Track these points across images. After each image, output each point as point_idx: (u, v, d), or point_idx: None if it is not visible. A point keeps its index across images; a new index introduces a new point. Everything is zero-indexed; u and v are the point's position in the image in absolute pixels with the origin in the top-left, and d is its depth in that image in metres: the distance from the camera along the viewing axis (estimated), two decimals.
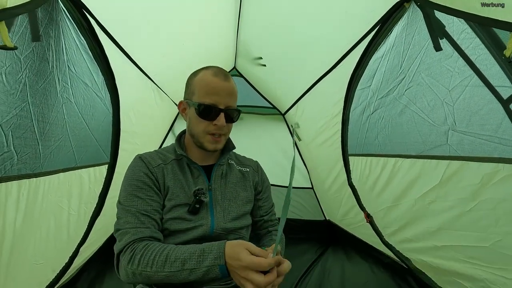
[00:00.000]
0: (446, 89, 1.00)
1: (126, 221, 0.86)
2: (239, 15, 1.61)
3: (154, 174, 0.94)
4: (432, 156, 1.14)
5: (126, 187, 0.91)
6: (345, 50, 1.39)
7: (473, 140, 0.98)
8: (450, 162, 1.08)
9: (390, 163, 1.34)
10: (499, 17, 0.73)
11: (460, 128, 1.00)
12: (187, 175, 0.99)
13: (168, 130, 2.33)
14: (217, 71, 0.99)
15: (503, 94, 0.85)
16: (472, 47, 0.88)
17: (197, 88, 0.97)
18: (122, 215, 0.87)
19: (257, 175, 1.16)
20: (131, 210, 0.87)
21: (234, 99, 1.00)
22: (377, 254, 1.77)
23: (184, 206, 0.93)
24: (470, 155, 1.00)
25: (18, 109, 0.79)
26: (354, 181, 1.68)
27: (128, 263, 0.79)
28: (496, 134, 0.90)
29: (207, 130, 0.95)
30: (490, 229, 1.03)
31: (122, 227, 0.86)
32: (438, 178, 1.14)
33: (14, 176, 0.80)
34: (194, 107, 0.95)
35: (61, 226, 1.13)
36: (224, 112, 0.95)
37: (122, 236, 0.84)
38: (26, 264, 0.99)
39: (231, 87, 0.99)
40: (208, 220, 0.95)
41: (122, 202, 0.89)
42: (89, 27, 1.04)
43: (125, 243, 0.82)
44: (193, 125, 0.97)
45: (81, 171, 1.18)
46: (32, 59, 0.83)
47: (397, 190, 1.36)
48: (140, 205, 0.89)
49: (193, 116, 0.96)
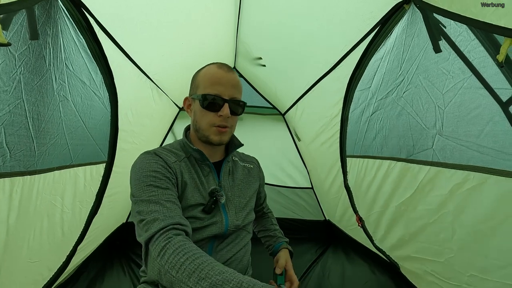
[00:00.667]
0: (440, 92, 0.99)
1: (151, 210, 0.81)
2: (239, 15, 1.61)
3: (173, 169, 0.92)
4: (417, 161, 1.13)
5: (142, 178, 0.86)
6: (345, 51, 1.38)
7: (454, 146, 0.95)
8: (430, 168, 1.06)
9: (384, 166, 1.33)
10: (497, 19, 0.73)
11: (446, 132, 0.98)
12: (199, 173, 0.98)
13: (168, 130, 2.34)
14: (221, 64, 1.00)
15: (502, 96, 0.84)
16: (470, 49, 0.86)
17: (202, 81, 0.97)
18: (143, 206, 0.82)
19: (260, 171, 1.22)
20: (152, 200, 0.83)
21: (239, 91, 1.00)
22: (376, 255, 1.76)
23: (199, 206, 0.92)
24: (448, 162, 0.98)
25: (11, 106, 0.79)
26: (350, 183, 1.67)
27: (158, 254, 0.72)
28: (477, 140, 0.87)
29: (212, 122, 0.94)
30: (446, 243, 1.03)
31: (147, 216, 0.80)
32: (416, 185, 1.14)
33: (7, 173, 0.80)
34: (198, 100, 0.95)
35: (54, 224, 1.12)
36: (229, 104, 0.94)
37: (149, 225, 0.78)
38: (21, 262, 0.99)
39: (235, 79, 0.99)
40: (221, 218, 0.95)
41: (139, 195, 0.84)
42: (88, 25, 1.04)
43: (155, 230, 0.76)
44: (198, 118, 0.96)
45: (77, 169, 1.17)
46: (28, 57, 0.83)
47: (386, 194, 1.36)
48: (162, 194, 0.85)
49: (198, 109, 0.96)
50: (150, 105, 1.75)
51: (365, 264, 1.79)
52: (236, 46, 1.98)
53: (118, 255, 1.86)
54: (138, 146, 1.75)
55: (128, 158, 1.62)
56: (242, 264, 1.00)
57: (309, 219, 2.43)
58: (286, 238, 1.24)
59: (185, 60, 1.75)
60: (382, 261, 1.68)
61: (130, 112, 1.51)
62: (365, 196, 1.53)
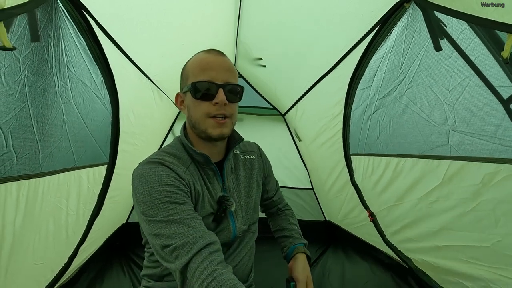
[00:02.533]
0: (446, 90, 1.00)
1: (175, 232, 0.72)
2: (239, 15, 1.61)
3: (186, 181, 0.82)
4: (433, 156, 1.14)
5: (155, 195, 0.76)
6: (346, 50, 1.39)
7: (473, 141, 0.97)
8: (451, 162, 1.08)
9: (393, 163, 1.34)
10: (498, 18, 0.73)
11: (461, 128, 1.00)
12: (205, 179, 0.88)
13: (168, 130, 2.33)
14: (209, 49, 0.89)
15: (503, 94, 0.85)
16: (472, 47, 0.88)
17: (190, 70, 0.86)
18: (163, 229, 0.72)
19: (261, 159, 1.08)
20: (173, 220, 0.73)
21: (233, 75, 0.87)
22: (378, 254, 1.77)
23: (210, 216, 0.86)
24: (471, 156, 1.00)
25: (17, 109, 0.79)
26: (357, 180, 1.67)
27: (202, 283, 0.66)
28: (495, 134, 0.90)
29: (208, 112, 0.82)
30: (490, 229, 1.03)
31: (172, 242, 0.71)
32: (440, 178, 1.14)
33: (14, 177, 0.79)
34: (189, 91, 0.83)
35: (60, 227, 1.12)
36: (223, 89, 0.81)
37: (179, 251, 0.70)
38: (26, 264, 0.99)
39: (227, 62, 0.87)
40: (229, 225, 0.89)
41: (154, 215, 0.74)
42: (89, 27, 1.04)
43: (190, 257, 0.69)
44: (192, 112, 0.85)
45: (80, 171, 1.17)
46: (31, 60, 0.82)
47: (400, 189, 1.36)
48: (182, 211, 0.76)
49: (191, 102, 0.84)
50: (151, 106, 1.75)
51: (365, 264, 1.80)
52: (236, 46, 1.98)
53: (118, 256, 1.85)
54: (139, 147, 1.75)
55: (129, 159, 1.62)
56: (247, 269, 0.96)
57: (309, 219, 2.43)
58: (304, 240, 1.11)
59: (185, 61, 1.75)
60: (383, 261, 1.70)
61: (131, 113, 1.51)
62: (374, 193, 1.54)
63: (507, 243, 1.00)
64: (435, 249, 1.28)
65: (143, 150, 1.87)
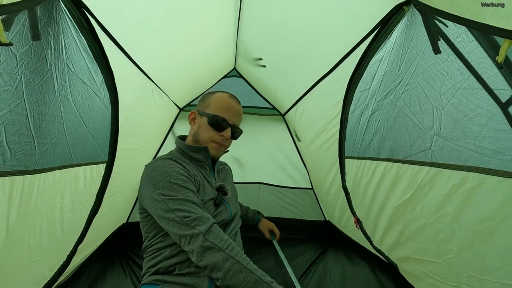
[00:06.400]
0: (437, 93, 0.99)
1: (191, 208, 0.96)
2: (239, 16, 1.62)
3: (191, 172, 1.08)
4: (415, 162, 1.13)
5: (173, 180, 0.99)
6: (345, 52, 1.38)
7: (452, 146, 0.95)
8: (429, 168, 1.06)
9: (381, 167, 1.33)
10: (498, 20, 0.73)
11: (444, 133, 0.98)
12: (203, 173, 1.17)
13: (168, 130, 2.34)
14: (232, 95, 1.24)
15: (501, 97, 0.84)
16: (469, 51, 0.87)
17: (213, 103, 1.17)
18: (182, 205, 0.95)
19: (231, 171, 1.50)
20: (190, 199, 0.98)
21: (240, 121, 1.24)
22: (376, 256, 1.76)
23: (210, 200, 1.11)
24: (446, 163, 0.99)
25: (12, 105, 0.79)
26: (348, 184, 1.67)
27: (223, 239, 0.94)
28: (474, 141, 0.88)
29: (213, 138, 1.16)
30: (445, 244, 1.03)
31: (190, 214, 0.94)
32: (415, 186, 1.14)
33: (7, 172, 0.80)
34: (207, 117, 1.15)
35: (54, 224, 1.13)
36: (231, 128, 1.17)
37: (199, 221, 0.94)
38: (21, 261, 1.00)
39: (241, 111, 1.23)
40: (226, 207, 1.17)
41: (172, 195, 0.97)
42: (89, 26, 1.05)
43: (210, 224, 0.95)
44: (202, 132, 1.16)
45: (77, 169, 1.18)
46: (29, 57, 0.83)
47: (383, 196, 1.36)
48: (195, 196, 1.01)
49: (204, 125, 1.16)
50: (151, 106, 1.76)
51: (365, 264, 1.78)
52: (236, 46, 1.98)
53: (119, 256, 1.85)
54: (138, 147, 1.76)
55: (128, 158, 1.63)
56: (240, 245, 1.20)
57: (309, 219, 2.42)
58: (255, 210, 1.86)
59: (186, 61, 1.76)
60: (382, 262, 1.68)
61: (131, 112, 1.52)
62: (363, 198, 1.53)
63: (457, 260, 0.99)
64: (405, 259, 1.30)
65: (143, 150, 1.88)
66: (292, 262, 1.77)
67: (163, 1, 1.23)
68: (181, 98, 2.21)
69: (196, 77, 2.09)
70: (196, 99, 2.37)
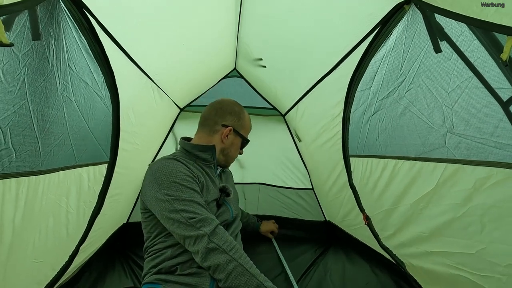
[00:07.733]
0: (445, 91, 0.99)
1: (196, 209, 0.98)
2: (240, 16, 1.62)
3: (195, 173, 1.10)
4: (430, 159, 1.13)
5: (178, 181, 1.01)
6: (346, 51, 1.39)
7: (469, 143, 0.96)
8: (447, 165, 1.06)
9: (391, 165, 1.33)
10: (498, 18, 0.73)
11: (458, 130, 0.99)
12: (208, 173, 1.20)
13: (169, 130, 2.33)
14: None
15: (503, 96, 0.85)
16: (472, 49, 0.87)
17: (246, 125, 1.36)
18: (187, 206, 0.97)
19: (231, 175, 1.58)
20: (195, 201, 1.00)
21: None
22: (378, 256, 1.77)
23: (213, 201, 1.13)
24: (466, 159, 0.99)
25: (16, 106, 0.79)
26: (355, 182, 1.67)
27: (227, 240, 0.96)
28: (491, 137, 0.88)
29: (237, 155, 1.36)
30: (476, 236, 1.03)
31: (195, 215, 0.96)
32: (434, 182, 1.13)
33: (13, 173, 0.80)
34: (242, 139, 1.33)
35: (59, 224, 1.12)
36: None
37: (204, 222, 0.96)
38: (26, 261, 1.00)
39: None
40: (227, 209, 1.20)
41: (178, 195, 0.98)
42: (90, 26, 1.04)
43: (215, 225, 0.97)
44: (234, 150, 1.32)
45: (80, 169, 1.18)
46: (31, 57, 0.83)
47: (396, 192, 1.35)
48: (199, 197, 1.04)
49: (236, 144, 1.31)
50: (151, 106, 1.75)
51: (366, 264, 1.79)
52: (236, 46, 1.98)
53: (119, 256, 1.85)
54: (139, 147, 1.76)
55: (129, 158, 1.63)
56: (241, 247, 1.18)
57: (309, 219, 2.43)
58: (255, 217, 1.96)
59: (186, 61, 1.76)
60: (384, 261, 1.69)
61: (132, 112, 1.51)
62: (371, 195, 1.53)
63: (491, 250, 0.99)
64: (425, 254, 1.28)
65: (143, 150, 1.88)
66: (292, 262, 1.78)
67: (163, 1, 1.23)
68: (181, 98, 2.20)
69: (197, 77, 2.09)
70: (196, 99, 2.36)
